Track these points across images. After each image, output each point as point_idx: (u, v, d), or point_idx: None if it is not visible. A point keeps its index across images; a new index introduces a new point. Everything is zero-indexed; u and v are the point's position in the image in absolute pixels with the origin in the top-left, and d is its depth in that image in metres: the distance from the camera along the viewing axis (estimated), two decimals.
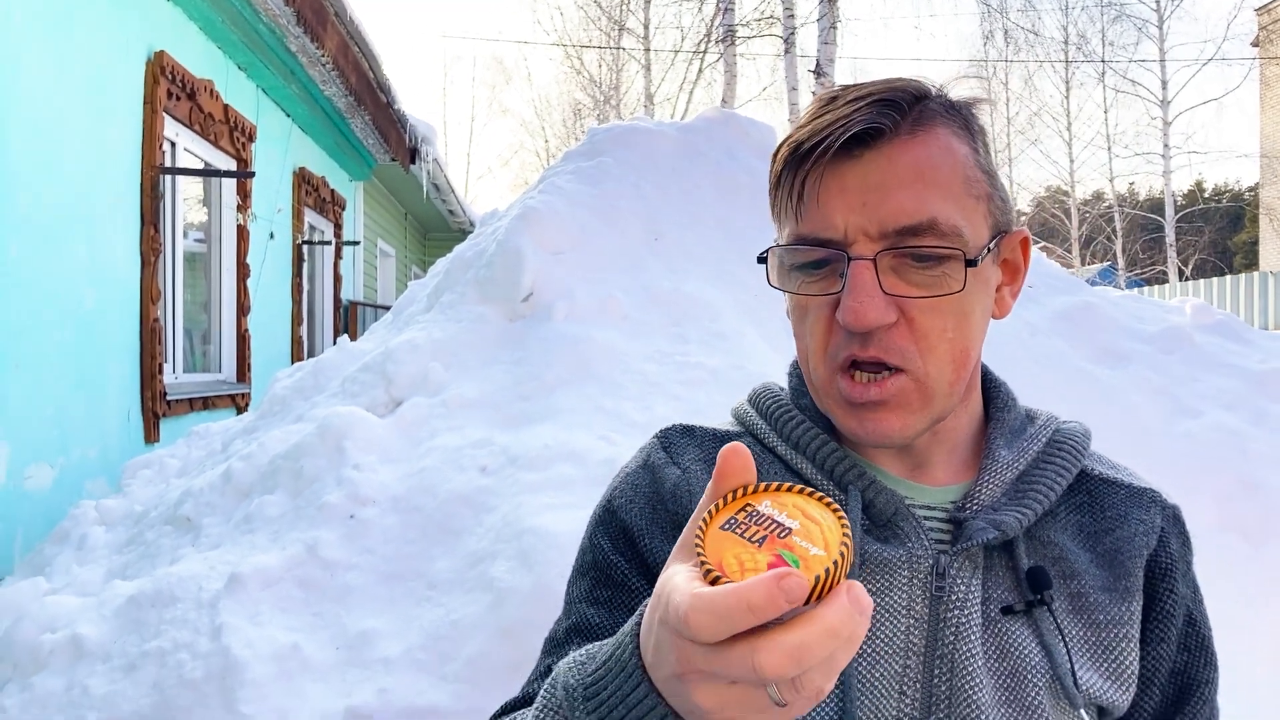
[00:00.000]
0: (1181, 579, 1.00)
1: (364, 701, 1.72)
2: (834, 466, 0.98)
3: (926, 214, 0.88)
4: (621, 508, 1.03)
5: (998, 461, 0.98)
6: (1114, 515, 1.00)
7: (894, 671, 0.92)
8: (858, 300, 0.87)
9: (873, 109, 0.89)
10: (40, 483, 4.91)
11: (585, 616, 1.00)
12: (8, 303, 4.60)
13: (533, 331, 2.55)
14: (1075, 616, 0.96)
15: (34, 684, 1.88)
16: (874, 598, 0.93)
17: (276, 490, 2.27)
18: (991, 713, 0.91)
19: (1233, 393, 2.76)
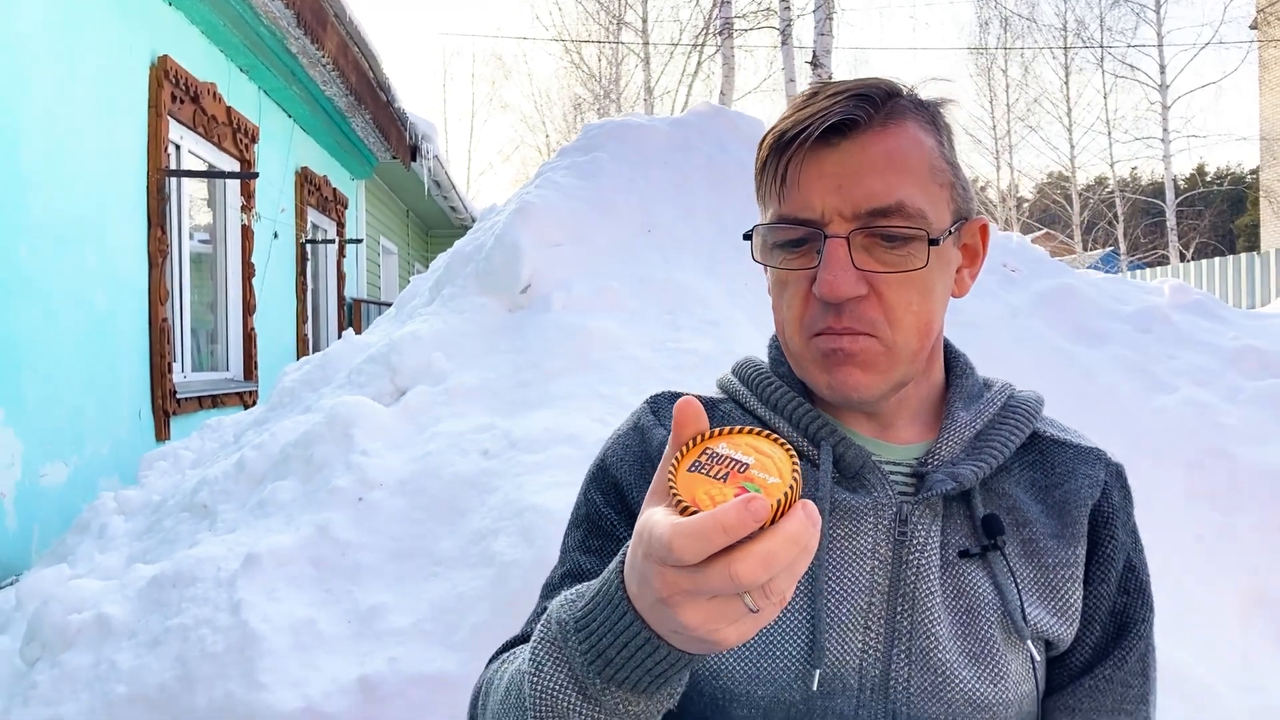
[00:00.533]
0: (1121, 527, 1.11)
1: (375, 670, 1.83)
2: (808, 425, 1.08)
3: (895, 197, 0.99)
4: (613, 465, 1.13)
5: (956, 422, 1.09)
6: (1063, 471, 1.11)
7: (860, 608, 1.02)
8: (832, 274, 0.98)
9: (849, 103, 1.00)
10: (55, 480, 5.03)
11: (578, 563, 1.10)
12: (20, 305, 4.71)
13: (531, 321, 2.65)
14: (1026, 560, 1.06)
15: (63, 661, 1.99)
16: (842, 542, 1.03)
17: (288, 477, 2.37)
18: (949, 645, 1.01)
19: (1206, 369, 2.86)
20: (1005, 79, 33.20)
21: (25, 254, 4.76)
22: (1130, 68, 27.97)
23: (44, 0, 4.95)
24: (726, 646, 0.73)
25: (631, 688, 0.79)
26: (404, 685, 1.74)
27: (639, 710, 0.80)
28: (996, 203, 36.25)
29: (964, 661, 1.01)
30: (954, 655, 1.01)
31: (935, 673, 1.00)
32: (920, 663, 1.01)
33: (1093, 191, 35.72)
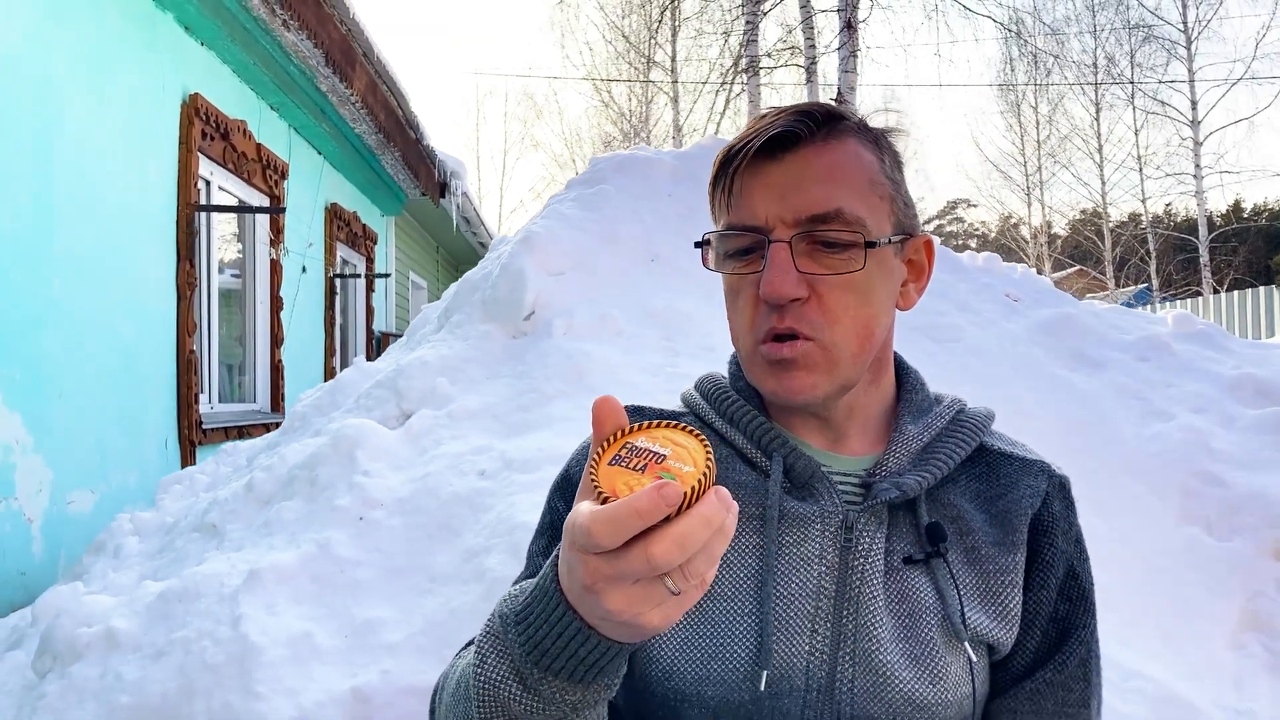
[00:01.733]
0: (1062, 536, 1.14)
1: (367, 682, 1.88)
2: (761, 436, 1.14)
3: (834, 205, 1.05)
4: (576, 475, 1.18)
5: (904, 434, 1.14)
6: (1006, 482, 1.15)
7: (807, 611, 1.06)
8: (775, 274, 1.04)
9: (792, 118, 1.07)
10: (82, 507, 5.13)
11: (538, 568, 1.14)
12: (50, 335, 4.84)
13: (533, 347, 2.72)
14: (968, 567, 1.11)
15: (72, 672, 2.05)
16: (790, 549, 1.08)
17: (294, 497, 2.44)
18: (890, 647, 1.05)
19: (1204, 397, 2.88)
20: (1036, 115, 33.17)
21: (56, 286, 4.89)
22: (1161, 104, 27.85)
23: (78, 39, 5.11)
24: (653, 631, 0.77)
25: (568, 677, 0.83)
26: (395, 696, 1.79)
27: (576, 699, 0.85)
28: (1028, 239, 36.12)
29: (905, 663, 1.05)
30: (895, 657, 1.05)
31: (877, 674, 1.04)
32: (863, 664, 1.05)
33: (1125, 228, 35.50)
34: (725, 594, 1.07)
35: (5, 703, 2.15)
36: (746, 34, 16.20)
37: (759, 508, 1.10)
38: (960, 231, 50.79)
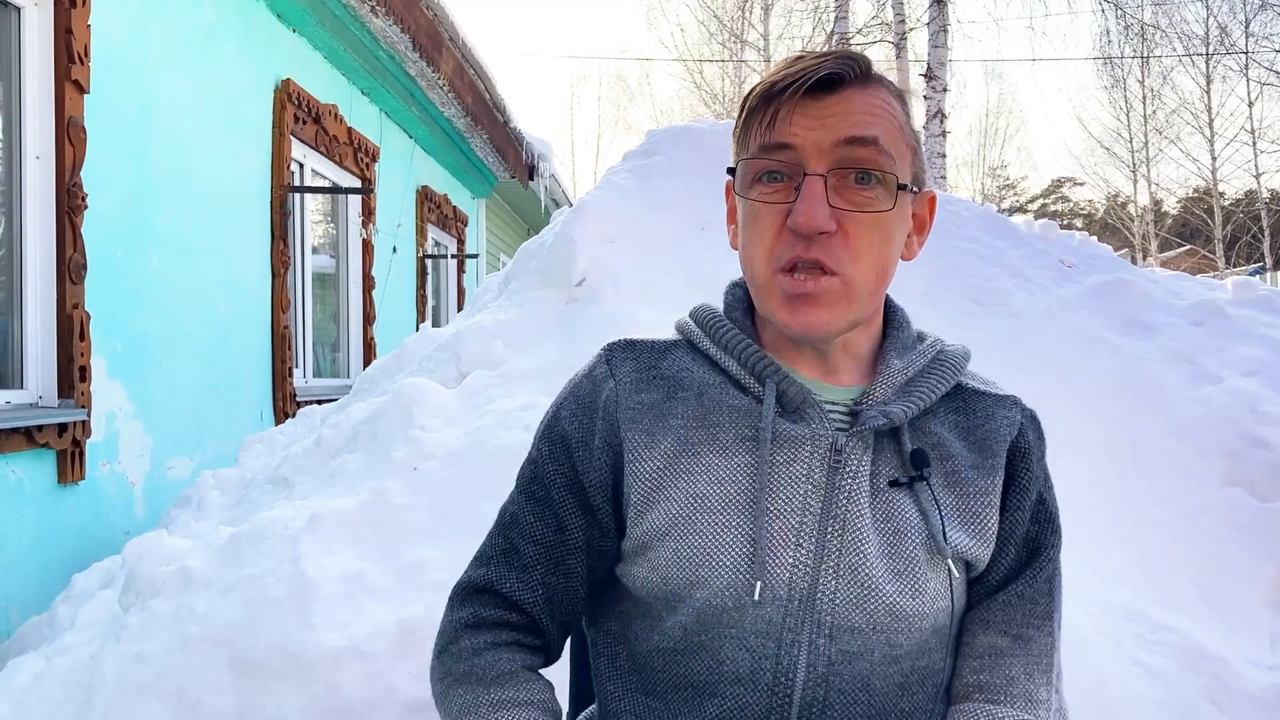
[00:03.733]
0: (1035, 463, 1.24)
1: (413, 615, 2.03)
2: (755, 364, 1.19)
3: (872, 131, 1.11)
4: (564, 419, 1.24)
5: (891, 368, 1.21)
6: (983, 415, 1.24)
7: (792, 527, 1.13)
8: (809, 206, 1.09)
9: (836, 62, 1.12)
10: (180, 473, 5.42)
11: (521, 510, 1.25)
12: (150, 310, 5.12)
13: (583, 312, 2.83)
14: (949, 490, 1.18)
15: (150, 606, 2.24)
16: (781, 468, 1.15)
17: (356, 450, 2.60)
18: (876, 562, 1.13)
19: (1257, 360, 2.87)
20: (1142, 89, 32.13)
21: (155, 263, 5.17)
22: (1278, 75, 26.77)
23: (176, 29, 5.37)
24: None
25: None
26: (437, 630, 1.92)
27: None
28: (1134, 218, 35.06)
29: (889, 577, 1.13)
30: (880, 571, 1.13)
31: (861, 586, 1.12)
32: (848, 577, 1.12)
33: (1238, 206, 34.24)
34: (716, 507, 1.14)
35: (95, 633, 2.35)
36: (837, 11, 16.07)
37: (752, 429, 1.17)
38: (1066, 211, 49.50)
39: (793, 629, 1.12)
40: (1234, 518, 2.47)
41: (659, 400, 1.20)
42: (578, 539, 1.22)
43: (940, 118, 13.72)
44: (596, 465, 1.20)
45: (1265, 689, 2.12)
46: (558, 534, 1.22)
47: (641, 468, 1.18)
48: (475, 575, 1.28)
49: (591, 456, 1.21)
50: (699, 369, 1.23)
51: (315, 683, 1.98)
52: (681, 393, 1.21)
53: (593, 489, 1.21)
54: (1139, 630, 2.22)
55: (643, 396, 1.21)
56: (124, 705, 2.04)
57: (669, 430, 1.18)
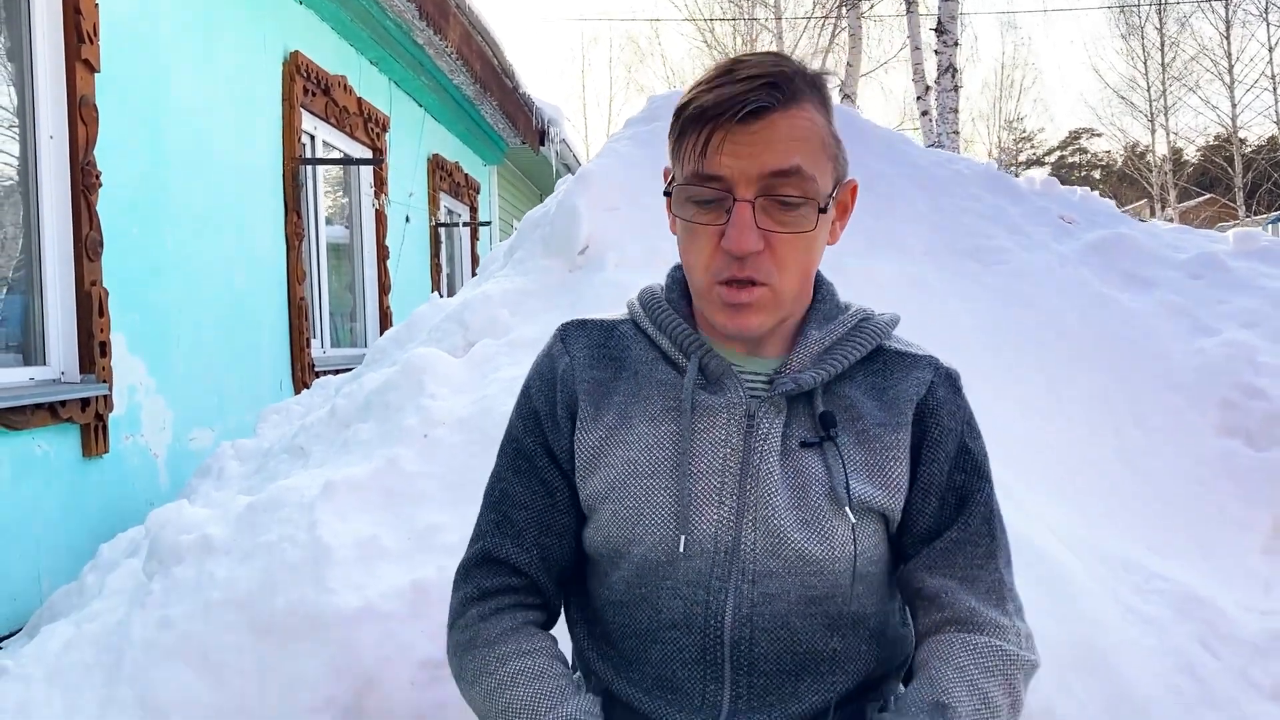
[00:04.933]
0: (949, 416, 1.34)
1: (425, 576, 2.11)
2: (682, 340, 1.34)
3: (793, 162, 1.21)
4: (533, 395, 1.41)
5: (808, 339, 1.33)
6: (898, 376, 1.35)
7: (714, 486, 1.28)
8: (739, 231, 1.21)
9: (762, 91, 1.21)
10: (202, 444, 5.52)
11: (509, 484, 1.40)
12: (168, 284, 5.20)
13: (587, 280, 2.89)
14: (858, 446, 1.31)
15: (173, 573, 2.33)
16: (703, 434, 1.30)
17: (369, 419, 2.67)
18: (785, 514, 1.26)
19: (1256, 312, 2.90)
20: (1160, 36, 31.72)
21: (171, 238, 5.24)
22: None
23: (183, 4, 5.41)
24: None
25: None
26: (448, 589, 1.99)
27: None
28: (1153, 168, 34.71)
29: (797, 526, 1.26)
30: (789, 522, 1.26)
31: (774, 536, 1.26)
32: (762, 529, 1.26)
33: (1260, 153, 33.82)
34: (646, 472, 1.30)
35: (121, 600, 2.44)
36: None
37: (676, 401, 1.32)
38: (1083, 162, 49.02)
39: (720, 577, 1.27)
40: (1230, 467, 2.52)
41: (607, 379, 1.36)
42: (564, 498, 1.37)
43: (952, 72, 13.62)
44: (563, 433, 1.36)
45: (1259, 633, 2.18)
46: (547, 498, 1.37)
47: (586, 437, 1.34)
48: (473, 551, 1.43)
49: (557, 426, 1.37)
50: (637, 347, 1.38)
51: (333, 643, 2.07)
52: (624, 372, 1.37)
53: (563, 455, 1.36)
54: (1135, 579, 2.27)
55: (594, 373, 1.37)
56: (151, 667, 2.13)
57: (611, 405, 1.35)
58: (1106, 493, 2.54)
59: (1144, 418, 2.66)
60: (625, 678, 1.33)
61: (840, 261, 2.98)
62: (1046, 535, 2.29)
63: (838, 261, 3.00)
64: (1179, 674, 2.09)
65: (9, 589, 3.96)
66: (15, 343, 4.35)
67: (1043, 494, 2.49)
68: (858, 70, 15.83)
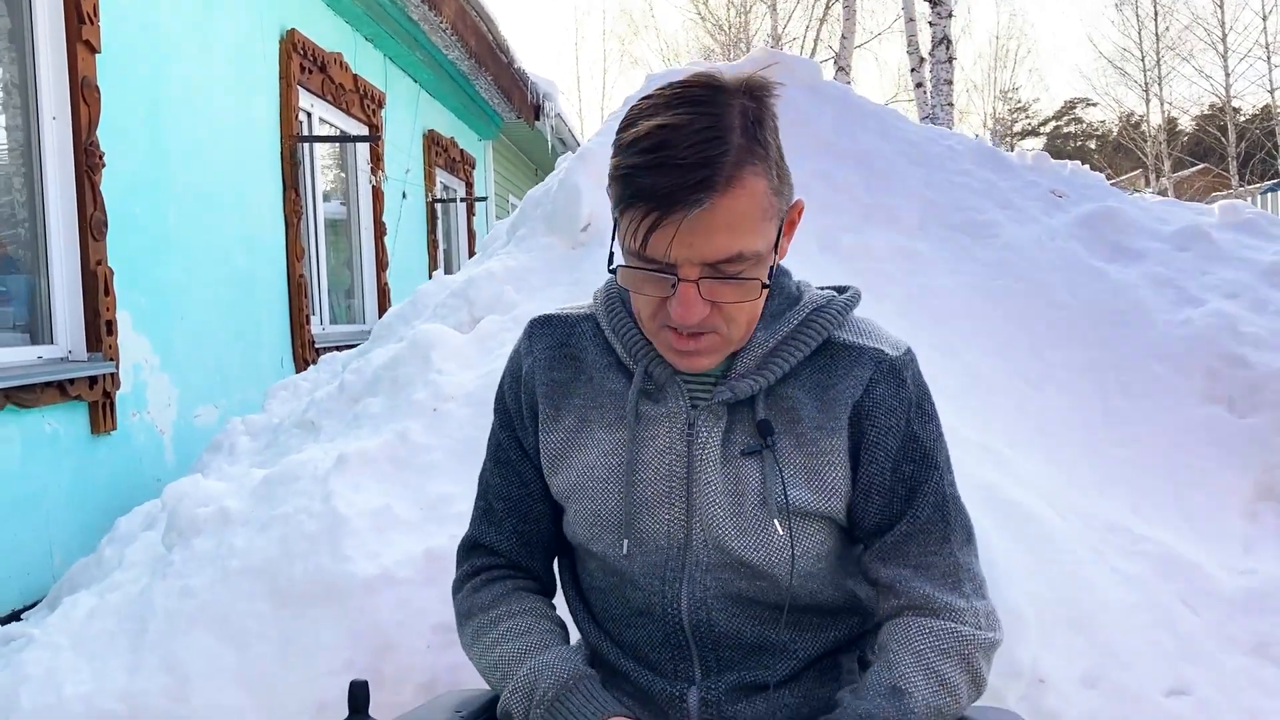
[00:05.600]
0: (886, 414, 1.33)
1: (438, 545, 2.19)
2: (632, 346, 1.36)
3: (735, 249, 1.20)
4: (505, 393, 1.49)
5: (753, 342, 1.33)
6: (840, 373, 1.34)
7: (663, 491, 1.34)
8: (685, 308, 1.21)
9: (698, 187, 1.16)
10: (207, 420, 5.59)
11: (490, 474, 1.50)
12: (171, 263, 5.25)
13: (588, 256, 2.96)
14: (798, 450, 1.33)
15: (193, 544, 2.41)
16: (649, 442, 1.35)
17: (378, 394, 2.75)
18: (724, 522, 1.32)
19: (1239, 283, 2.98)
20: (1154, 6, 31.63)
21: (173, 217, 5.29)
22: None
23: None
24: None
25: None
26: None
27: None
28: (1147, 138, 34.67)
29: (735, 534, 1.32)
30: (728, 529, 1.32)
31: (715, 541, 1.33)
32: (708, 532, 1.33)
33: (1254, 123, 33.77)
34: (601, 476, 1.37)
35: (141, 571, 2.52)
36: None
37: (624, 410, 1.37)
38: (1079, 132, 48.94)
39: (674, 569, 1.35)
40: (1212, 433, 2.60)
41: (566, 379, 1.42)
42: (538, 489, 1.46)
43: (946, 44, 13.63)
44: (529, 431, 1.44)
45: (1237, 591, 2.27)
46: (521, 489, 1.46)
47: (549, 437, 1.41)
48: (466, 536, 1.54)
49: (524, 425, 1.45)
50: (594, 349, 1.42)
51: (350, 609, 2.15)
52: (582, 375, 1.42)
53: (532, 451, 1.44)
54: (1120, 541, 2.36)
55: (553, 374, 1.42)
56: (174, 634, 2.22)
57: (571, 408, 1.41)
58: (1093, 458, 2.63)
59: (1130, 386, 2.74)
60: (612, 649, 1.43)
61: (834, 236, 3.06)
62: (1035, 499, 2.37)
63: (832, 236, 3.09)
64: (1161, 630, 2.18)
65: (23, 563, 4.05)
66: (23, 322, 4.42)
67: (1032, 459, 2.57)
68: (852, 42, 15.82)
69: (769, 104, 1.25)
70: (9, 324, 4.35)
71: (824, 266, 2.49)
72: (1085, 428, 2.69)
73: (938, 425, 1.39)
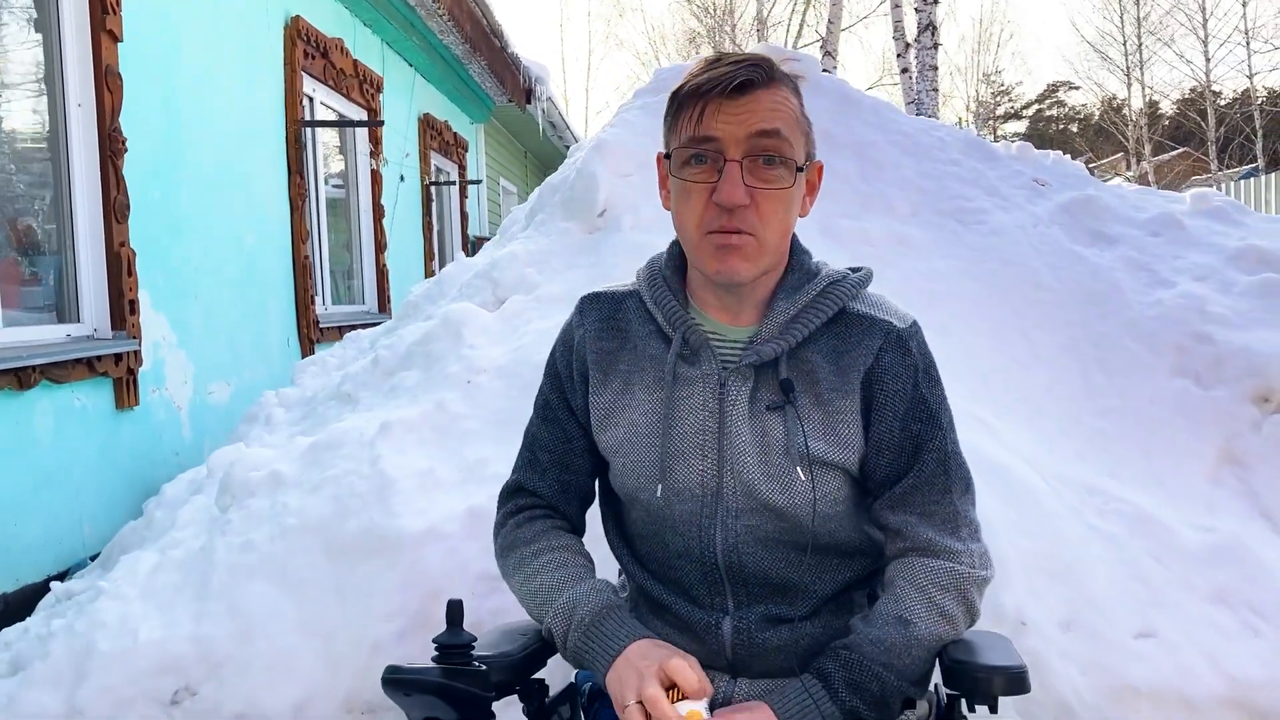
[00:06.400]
0: (894, 380, 1.53)
1: (478, 503, 2.41)
2: (669, 315, 1.56)
3: (774, 125, 1.44)
4: (557, 359, 1.67)
5: (775, 310, 1.53)
6: (854, 341, 1.54)
7: (697, 444, 1.53)
8: (731, 186, 1.42)
9: (748, 69, 1.44)
10: (220, 397, 5.78)
11: (537, 429, 1.69)
12: (186, 244, 5.43)
13: (605, 241, 3.18)
14: (817, 407, 1.52)
15: (248, 504, 2.62)
16: (684, 400, 1.54)
17: (413, 368, 2.96)
18: (754, 469, 1.51)
19: (1207, 266, 3.21)
20: None
21: (187, 200, 5.47)
22: None
23: None
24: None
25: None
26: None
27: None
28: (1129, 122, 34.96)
29: (763, 479, 1.50)
30: (757, 475, 1.51)
31: (745, 486, 1.51)
32: (738, 479, 1.51)
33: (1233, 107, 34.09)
34: (644, 433, 1.56)
35: (198, 530, 2.73)
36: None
37: (663, 372, 1.56)
38: (1061, 115, 49.22)
39: (708, 515, 1.53)
40: (1180, 404, 2.84)
41: (613, 348, 1.61)
42: (580, 444, 1.65)
43: (931, 30, 13.83)
44: (580, 393, 1.62)
45: (1200, 546, 2.51)
46: (566, 443, 1.65)
47: (598, 399, 1.60)
48: (510, 481, 1.72)
49: (574, 387, 1.63)
50: (638, 321, 1.61)
51: (401, 561, 2.37)
52: (628, 343, 1.60)
53: (580, 411, 1.63)
54: (1096, 502, 2.60)
55: (602, 343, 1.61)
56: (236, 585, 2.43)
57: (617, 373, 1.59)
58: (1073, 427, 2.86)
59: (1107, 361, 2.97)
60: (655, 585, 1.61)
61: (833, 222, 3.28)
62: (1020, 464, 2.60)
63: (831, 222, 3.31)
64: (1132, 581, 2.41)
65: (56, 531, 4.25)
66: (50, 302, 4.60)
67: (1017, 428, 2.81)
68: (838, 26, 15.99)
69: (797, 84, 1.52)
70: (38, 303, 4.53)
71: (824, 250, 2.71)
72: (1065, 400, 2.93)
73: (942, 389, 1.58)
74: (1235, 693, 2.26)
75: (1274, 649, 2.31)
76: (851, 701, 1.45)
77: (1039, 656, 2.26)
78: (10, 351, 3.96)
